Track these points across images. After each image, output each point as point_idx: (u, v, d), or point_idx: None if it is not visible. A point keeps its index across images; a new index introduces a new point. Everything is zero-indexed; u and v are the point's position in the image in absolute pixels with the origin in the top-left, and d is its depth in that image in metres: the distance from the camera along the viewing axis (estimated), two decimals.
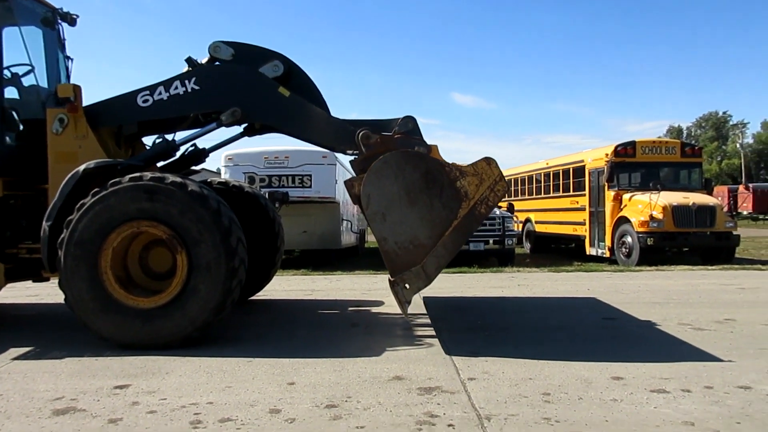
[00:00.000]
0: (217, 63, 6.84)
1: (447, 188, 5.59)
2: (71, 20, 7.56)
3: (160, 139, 6.85)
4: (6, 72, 6.84)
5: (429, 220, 5.57)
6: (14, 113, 6.88)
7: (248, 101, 6.55)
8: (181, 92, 6.58)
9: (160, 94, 6.61)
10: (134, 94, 6.66)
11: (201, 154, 7.56)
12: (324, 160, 15.64)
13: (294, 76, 6.85)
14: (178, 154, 7.10)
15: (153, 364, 5.34)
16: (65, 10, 7.47)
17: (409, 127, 6.23)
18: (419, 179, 5.57)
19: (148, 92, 6.63)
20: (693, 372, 4.86)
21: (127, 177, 5.70)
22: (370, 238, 29.54)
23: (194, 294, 5.70)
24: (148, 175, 5.72)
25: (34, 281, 7.26)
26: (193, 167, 7.66)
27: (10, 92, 6.96)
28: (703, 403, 4.08)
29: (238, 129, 7.50)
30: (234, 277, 5.76)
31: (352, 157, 6.34)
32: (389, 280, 5.75)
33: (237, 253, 5.76)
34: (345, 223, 17.77)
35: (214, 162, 41.16)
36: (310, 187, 15.52)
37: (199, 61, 6.84)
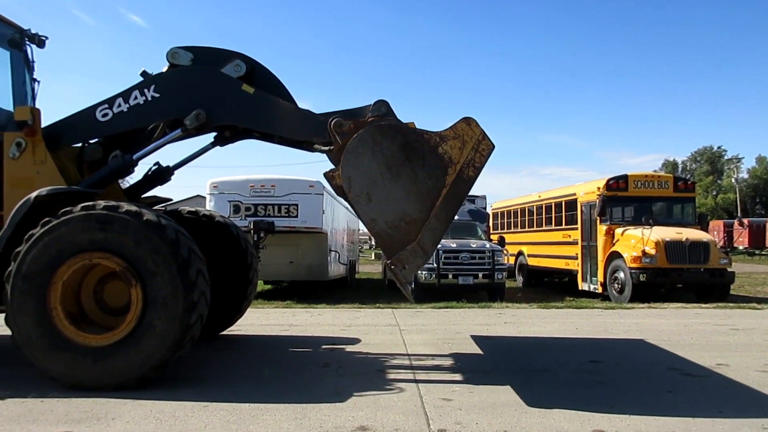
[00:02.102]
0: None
1: (429, 156, 5.30)
2: (39, 42, 7.31)
3: (115, 156, 6.52)
4: None
5: (416, 193, 5.28)
6: None
7: (211, 102, 6.26)
8: (141, 102, 6.30)
9: (119, 106, 6.33)
10: (93, 108, 6.38)
11: (165, 173, 7.26)
12: (311, 190, 15.37)
13: (257, 75, 6.57)
14: (141, 174, 6.78)
15: (101, 407, 4.94)
16: (33, 31, 7.22)
17: (382, 110, 5.87)
18: (398, 151, 5.29)
19: (106, 105, 6.35)
20: (681, 427, 4.48)
21: (79, 206, 5.37)
22: (362, 269, 29.14)
23: (150, 330, 5.32)
24: (101, 203, 5.39)
25: None
26: (160, 185, 7.37)
27: None
28: None
29: (205, 141, 7.21)
30: (193, 311, 5.39)
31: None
32: (386, 263, 5.40)
33: (197, 286, 5.41)
34: (333, 253, 17.42)
35: (200, 188, 40.84)
36: (297, 216, 15.20)
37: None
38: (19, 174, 6.15)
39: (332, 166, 5.73)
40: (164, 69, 6.60)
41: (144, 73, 6.44)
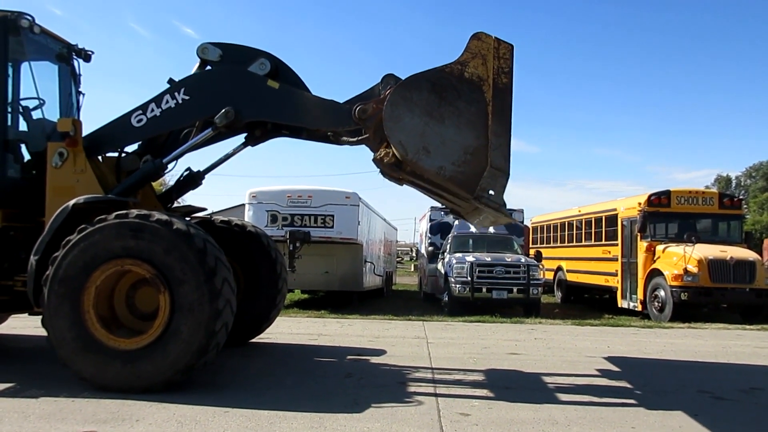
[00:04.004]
0: (207, 68, 6.82)
1: (460, 86, 5.36)
2: (86, 56, 7.67)
3: (146, 161, 6.78)
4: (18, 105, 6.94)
5: (465, 123, 5.35)
6: (21, 146, 6.94)
7: (239, 99, 6.46)
8: (173, 105, 6.55)
9: (152, 111, 6.59)
10: (128, 116, 6.66)
11: (196, 177, 7.50)
12: (347, 201, 15.55)
13: (281, 73, 6.75)
14: (173, 180, 7.04)
15: (127, 409, 5.12)
16: (81, 46, 7.58)
17: (392, 83, 5.98)
18: (430, 96, 5.37)
19: (140, 111, 6.62)
20: None
21: (114, 214, 5.61)
22: (399, 280, 29.17)
23: (176, 336, 5.50)
24: (134, 212, 5.61)
25: (29, 314, 7.18)
26: (192, 189, 7.63)
27: (20, 125, 7.03)
28: None
29: (234, 143, 7.45)
30: (218, 318, 5.55)
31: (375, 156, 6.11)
32: (471, 201, 5.40)
33: (222, 294, 5.56)
34: (368, 264, 17.53)
35: (239, 198, 41.45)
36: (333, 227, 15.39)
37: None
38: (60, 182, 6.45)
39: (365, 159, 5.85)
40: (195, 67, 6.87)
41: (171, 81, 6.69)
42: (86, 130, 6.68)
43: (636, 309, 15.32)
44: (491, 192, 5.26)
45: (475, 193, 5.27)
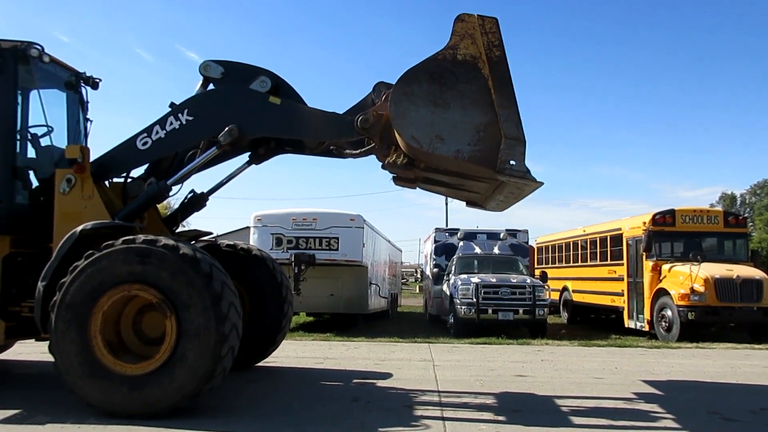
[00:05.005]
0: (210, 85, 6.94)
1: (456, 69, 5.42)
2: (94, 84, 7.77)
3: (150, 183, 6.85)
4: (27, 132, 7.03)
5: (470, 103, 5.39)
6: (29, 173, 7.01)
7: (242, 116, 6.54)
8: (177, 126, 6.63)
9: (157, 133, 6.67)
10: (133, 139, 6.75)
11: (200, 199, 7.61)
12: (352, 224, 15.60)
13: (282, 90, 6.85)
14: (177, 203, 7.10)
15: None
16: (88, 74, 7.69)
17: (384, 90, 6.11)
18: (430, 85, 5.43)
19: (145, 134, 6.71)
20: None
21: (121, 239, 5.65)
22: (404, 302, 29.04)
23: (182, 361, 5.50)
24: (141, 237, 5.66)
25: (36, 340, 7.19)
26: (196, 211, 7.75)
27: (29, 152, 7.12)
28: None
29: (237, 164, 7.57)
30: (224, 343, 5.55)
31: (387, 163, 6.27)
32: (496, 176, 5.39)
33: (228, 319, 5.57)
34: (373, 287, 17.51)
35: (242, 221, 41.64)
36: (337, 249, 15.42)
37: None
38: (68, 208, 6.50)
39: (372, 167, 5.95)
40: (198, 84, 6.99)
41: (172, 105, 6.79)
42: (93, 156, 6.76)
43: (643, 329, 15.23)
44: (512, 162, 5.27)
45: (497, 167, 5.27)
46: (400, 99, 5.46)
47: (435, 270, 18.70)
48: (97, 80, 7.83)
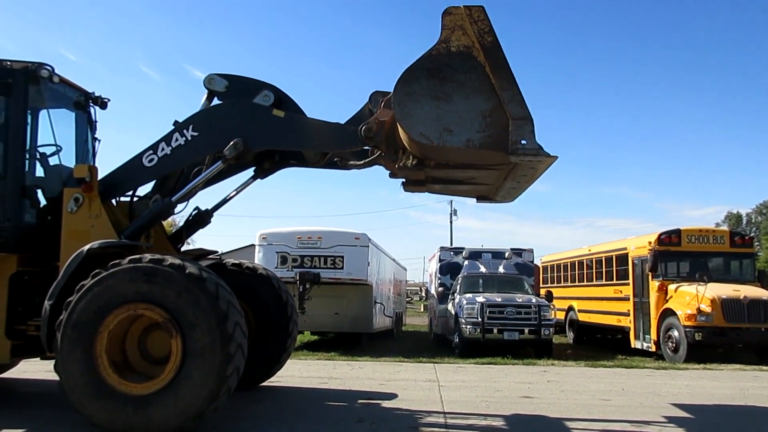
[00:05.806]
0: (214, 98, 7.02)
1: (452, 61, 5.41)
2: (102, 104, 7.87)
3: (155, 201, 6.90)
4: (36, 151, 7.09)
5: (472, 91, 5.39)
6: (38, 191, 7.06)
7: (246, 130, 6.61)
8: (183, 142, 6.70)
9: (163, 149, 6.74)
10: (139, 157, 6.81)
11: (205, 216, 7.66)
12: (357, 242, 15.61)
13: (284, 103, 6.93)
14: (182, 220, 7.14)
15: None
16: (97, 93, 7.79)
17: (380, 99, 6.16)
18: (429, 81, 5.42)
19: (151, 151, 6.77)
20: None
21: (127, 258, 5.67)
22: (409, 321, 28.90)
23: (187, 380, 5.48)
24: (148, 256, 5.68)
25: (41, 358, 7.19)
26: (201, 228, 7.79)
27: (38, 171, 7.18)
28: None
29: (242, 180, 7.65)
30: (230, 363, 5.53)
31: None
32: (509, 157, 5.35)
33: (234, 338, 5.56)
34: (378, 305, 17.47)
35: (249, 239, 41.58)
36: (342, 268, 15.41)
37: None
38: (75, 227, 6.54)
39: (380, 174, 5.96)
40: (203, 98, 7.07)
41: (176, 123, 6.88)
42: (101, 174, 6.82)
43: (650, 349, 15.11)
44: (523, 141, 5.27)
45: (509, 149, 5.27)
46: (402, 99, 5.49)
47: (440, 289, 18.64)
48: (106, 100, 7.92)
